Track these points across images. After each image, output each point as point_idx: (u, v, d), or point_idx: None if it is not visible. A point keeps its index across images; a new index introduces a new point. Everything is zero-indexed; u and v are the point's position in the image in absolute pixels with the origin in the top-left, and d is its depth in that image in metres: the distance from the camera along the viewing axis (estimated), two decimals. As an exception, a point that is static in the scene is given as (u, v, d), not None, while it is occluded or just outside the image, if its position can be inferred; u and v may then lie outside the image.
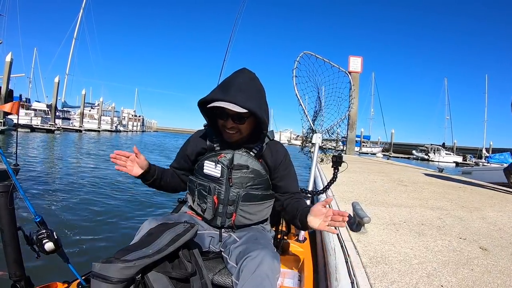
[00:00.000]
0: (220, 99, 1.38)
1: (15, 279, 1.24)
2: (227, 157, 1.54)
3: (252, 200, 1.56)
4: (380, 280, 1.35)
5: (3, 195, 1.17)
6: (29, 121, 35.22)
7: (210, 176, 1.57)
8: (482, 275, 1.47)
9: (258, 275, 1.22)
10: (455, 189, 4.57)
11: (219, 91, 1.44)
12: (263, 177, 1.58)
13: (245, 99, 1.39)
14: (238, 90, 1.40)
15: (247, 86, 1.45)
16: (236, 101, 1.37)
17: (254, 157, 1.56)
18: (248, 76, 1.49)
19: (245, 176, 1.54)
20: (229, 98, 1.37)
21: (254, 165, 1.55)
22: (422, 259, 1.63)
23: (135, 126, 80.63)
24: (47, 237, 1.21)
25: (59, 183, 6.85)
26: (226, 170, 1.53)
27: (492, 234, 2.20)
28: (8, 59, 26.24)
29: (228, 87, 1.42)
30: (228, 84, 1.44)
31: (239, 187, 1.54)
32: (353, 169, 6.82)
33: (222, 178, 1.54)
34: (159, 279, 1.12)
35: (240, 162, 1.54)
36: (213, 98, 1.42)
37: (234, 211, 1.55)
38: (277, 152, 1.62)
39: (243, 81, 1.45)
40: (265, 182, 1.60)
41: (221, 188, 1.54)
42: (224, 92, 1.41)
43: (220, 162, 1.54)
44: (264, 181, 1.59)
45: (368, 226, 2.11)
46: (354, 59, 15.30)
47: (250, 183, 1.55)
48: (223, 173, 1.54)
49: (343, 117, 2.77)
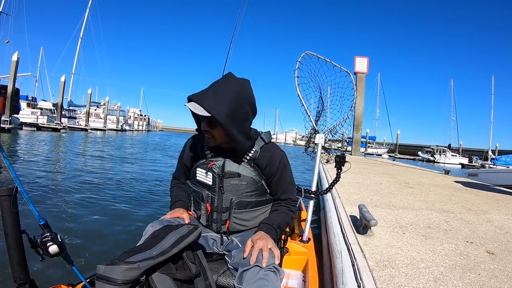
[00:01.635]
0: (191, 100, 1.35)
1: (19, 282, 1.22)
2: (218, 165, 1.49)
3: (246, 207, 1.53)
4: (387, 284, 1.35)
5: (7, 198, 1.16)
6: (35, 119, 35.57)
7: (203, 183, 1.54)
8: (489, 280, 1.47)
9: (261, 278, 1.22)
10: (462, 191, 4.55)
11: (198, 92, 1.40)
12: (257, 183, 1.53)
13: (213, 103, 1.33)
14: (212, 93, 1.36)
15: (225, 91, 1.38)
16: (203, 104, 1.32)
17: (246, 163, 1.50)
18: (231, 82, 1.42)
19: (237, 183, 1.50)
20: (197, 100, 1.33)
21: (246, 172, 1.50)
22: (429, 263, 1.63)
23: (140, 125, 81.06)
24: (51, 240, 1.20)
25: (63, 184, 6.81)
26: (217, 178, 1.49)
27: (499, 238, 2.19)
28: (15, 58, 26.45)
29: (207, 89, 1.39)
30: (209, 87, 1.40)
31: (232, 194, 1.50)
32: (359, 170, 6.81)
33: (214, 186, 1.50)
34: (164, 281, 1.12)
35: (231, 170, 1.49)
36: (188, 97, 1.38)
37: (228, 218, 1.53)
38: (271, 157, 1.54)
39: (223, 86, 1.39)
40: (260, 188, 1.54)
41: (214, 195, 1.51)
42: (199, 93, 1.37)
43: (211, 170, 1.50)
44: (259, 187, 1.54)
45: (374, 229, 2.11)
46: (360, 60, 15.27)
47: (242, 190, 1.50)
48: (215, 181, 1.50)
49: (345, 117, 2.76)
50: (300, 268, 1.84)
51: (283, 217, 1.57)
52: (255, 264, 1.26)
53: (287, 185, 1.59)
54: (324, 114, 2.81)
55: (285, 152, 1.61)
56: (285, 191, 1.59)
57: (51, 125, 35.02)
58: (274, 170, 1.53)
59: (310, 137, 2.83)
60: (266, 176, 1.54)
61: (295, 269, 1.83)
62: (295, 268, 1.83)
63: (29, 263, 1.25)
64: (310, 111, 2.59)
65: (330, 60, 2.76)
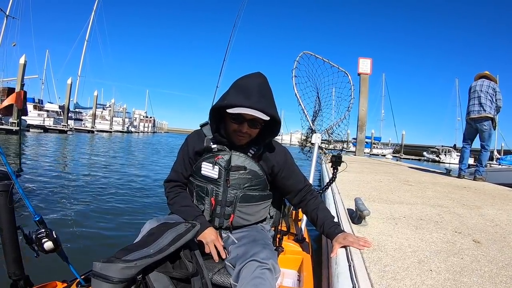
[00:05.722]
0: (245, 106, 1.39)
1: (14, 278, 1.24)
2: (225, 158, 1.55)
3: (250, 201, 1.59)
4: (374, 264, 1.50)
5: (3, 194, 1.17)
6: (41, 121, 35.98)
7: (208, 178, 1.57)
8: (470, 263, 1.59)
9: (257, 276, 1.25)
10: (460, 189, 4.66)
11: (239, 96, 1.43)
12: (261, 177, 1.60)
13: (268, 106, 1.42)
14: (261, 96, 1.42)
15: (267, 91, 1.47)
16: (262, 107, 1.39)
17: (251, 158, 1.58)
18: (265, 81, 1.49)
19: (243, 177, 1.56)
20: (254, 105, 1.38)
21: (251, 166, 1.57)
22: (416, 248, 1.76)
23: (146, 127, 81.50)
24: (46, 236, 1.21)
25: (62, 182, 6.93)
26: (224, 171, 1.54)
27: (487, 229, 2.31)
28: (22, 61, 26.74)
29: (250, 93, 1.42)
30: (247, 89, 1.43)
31: (237, 188, 1.56)
32: (361, 169, 6.92)
33: (219, 179, 1.55)
34: (160, 279, 1.13)
35: (238, 163, 1.55)
36: (232, 104, 1.41)
37: (232, 212, 1.58)
38: (276, 153, 1.64)
39: (264, 87, 1.47)
40: (263, 183, 1.63)
41: (219, 189, 1.56)
42: (246, 98, 1.40)
43: (218, 163, 1.55)
44: (262, 181, 1.62)
45: (368, 220, 2.24)
46: (364, 61, 15.30)
47: (247, 184, 1.57)
48: (221, 175, 1.54)
49: (342, 117, 2.85)
50: (296, 267, 1.91)
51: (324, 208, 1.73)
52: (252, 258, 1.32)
53: (297, 174, 1.72)
54: (321, 114, 2.90)
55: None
56: (299, 180, 1.72)
57: (58, 127, 35.46)
58: (281, 165, 1.64)
59: (307, 136, 2.93)
60: (274, 172, 1.64)
61: (290, 268, 1.90)
62: (290, 268, 1.90)
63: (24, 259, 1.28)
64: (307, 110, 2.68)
65: (328, 60, 2.84)
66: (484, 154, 6.09)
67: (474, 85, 6.09)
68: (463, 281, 1.37)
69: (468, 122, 6.19)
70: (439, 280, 1.36)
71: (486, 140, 5.98)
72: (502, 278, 1.43)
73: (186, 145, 1.68)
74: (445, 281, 1.35)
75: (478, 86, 6.00)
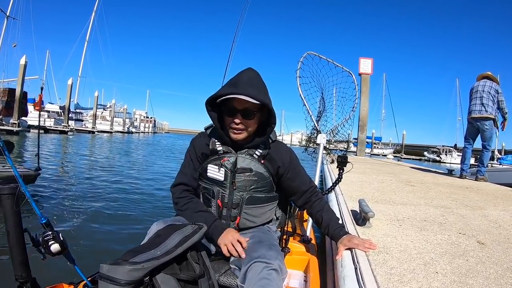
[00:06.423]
0: (231, 93, 1.41)
1: (21, 281, 1.24)
2: (231, 161, 1.55)
3: (256, 202, 1.59)
4: (380, 266, 1.50)
5: (9, 197, 1.17)
6: (42, 122, 35.96)
7: (214, 180, 1.57)
8: (476, 265, 1.59)
9: (264, 277, 1.25)
10: (462, 189, 4.66)
11: (228, 87, 1.46)
12: (267, 179, 1.61)
13: (256, 92, 1.42)
14: (248, 84, 1.43)
15: (256, 81, 1.49)
16: (248, 93, 1.39)
17: (257, 160, 1.58)
18: (255, 73, 1.52)
19: (249, 179, 1.56)
20: (240, 91, 1.40)
21: (257, 168, 1.57)
22: (421, 250, 1.77)
23: (146, 127, 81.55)
24: (53, 238, 1.22)
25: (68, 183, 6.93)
26: (230, 173, 1.54)
27: (491, 231, 2.31)
28: (23, 62, 26.69)
29: (237, 83, 1.45)
30: (237, 81, 1.46)
31: (243, 190, 1.56)
32: (363, 170, 6.92)
33: (225, 181, 1.55)
34: (167, 281, 1.12)
35: (244, 165, 1.55)
36: (222, 93, 1.43)
37: (238, 214, 1.58)
38: (282, 154, 1.64)
39: (253, 77, 1.49)
40: (268, 184, 1.62)
41: (225, 191, 1.56)
42: (234, 87, 1.43)
43: (224, 165, 1.54)
44: (268, 183, 1.62)
45: (373, 221, 2.24)
46: (365, 61, 15.30)
47: (253, 186, 1.57)
48: (227, 177, 1.54)
49: (347, 117, 2.85)
50: (302, 268, 1.91)
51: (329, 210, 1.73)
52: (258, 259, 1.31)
53: (303, 175, 1.72)
54: (325, 114, 2.90)
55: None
56: (304, 182, 1.71)
57: (59, 128, 35.47)
58: (287, 166, 1.64)
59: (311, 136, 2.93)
60: (279, 173, 1.64)
61: (297, 269, 1.90)
62: (296, 268, 1.90)
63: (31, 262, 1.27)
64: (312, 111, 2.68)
65: (332, 60, 2.84)
66: (486, 154, 6.10)
67: (476, 85, 6.10)
68: (469, 283, 1.38)
69: (470, 121, 6.20)
70: (445, 283, 1.36)
71: (488, 140, 6.00)
72: (507, 279, 1.43)
73: (193, 147, 1.67)
74: (451, 283, 1.36)
75: (481, 86, 6.01)
